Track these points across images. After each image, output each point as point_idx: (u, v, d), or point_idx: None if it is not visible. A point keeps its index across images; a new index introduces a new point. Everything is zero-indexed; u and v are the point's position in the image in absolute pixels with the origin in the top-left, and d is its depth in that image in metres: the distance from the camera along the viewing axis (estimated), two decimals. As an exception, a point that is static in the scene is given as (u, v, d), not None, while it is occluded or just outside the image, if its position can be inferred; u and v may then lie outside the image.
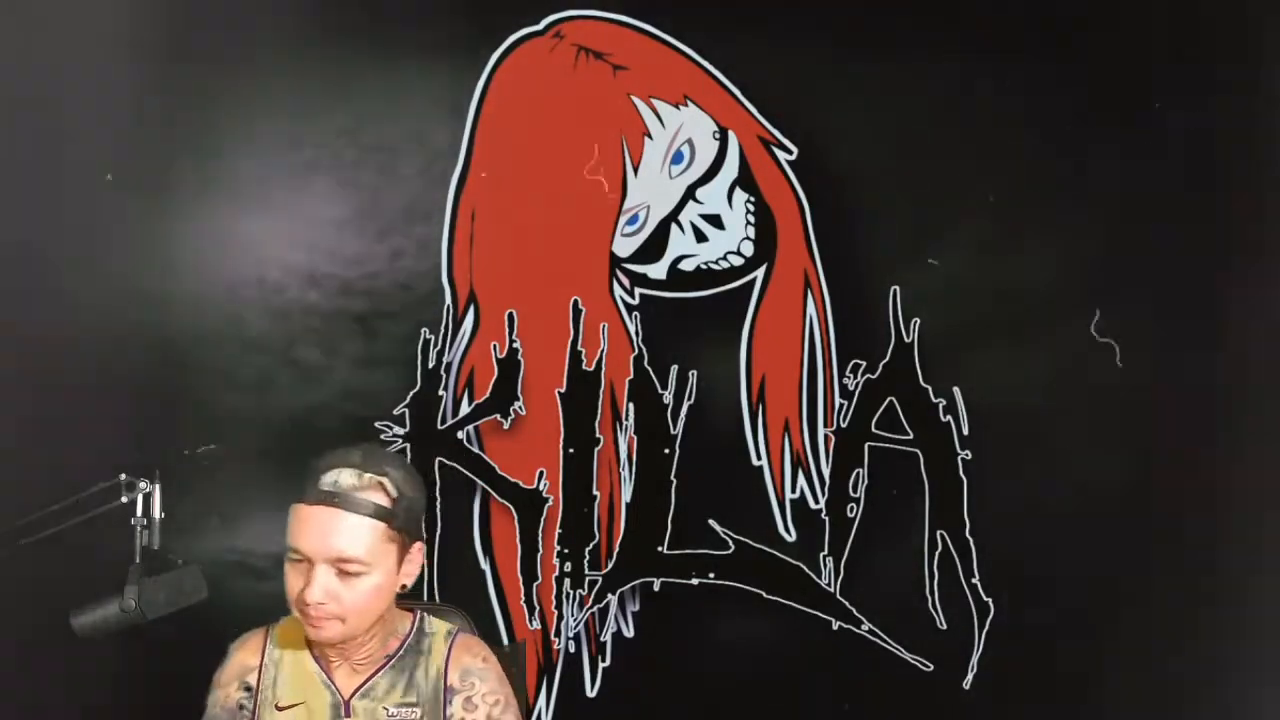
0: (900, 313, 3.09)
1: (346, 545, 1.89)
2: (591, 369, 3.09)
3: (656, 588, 3.10)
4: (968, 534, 3.08)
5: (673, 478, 3.09)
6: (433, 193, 3.08)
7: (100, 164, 3.02)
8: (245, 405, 3.07)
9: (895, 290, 3.10)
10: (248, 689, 2.02)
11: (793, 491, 3.11)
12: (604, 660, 3.10)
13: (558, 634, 3.09)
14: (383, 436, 3.04)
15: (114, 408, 3.05)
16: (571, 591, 3.09)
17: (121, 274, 3.09)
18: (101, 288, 3.07)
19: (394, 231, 3.10)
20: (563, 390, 3.09)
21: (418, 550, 2.00)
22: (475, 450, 3.08)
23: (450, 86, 3.10)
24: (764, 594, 3.09)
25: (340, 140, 3.10)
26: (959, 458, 3.08)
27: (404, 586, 1.99)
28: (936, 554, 3.09)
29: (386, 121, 3.09)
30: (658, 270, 3.13)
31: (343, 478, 1.91)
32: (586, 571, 3.09)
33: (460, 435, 3.09)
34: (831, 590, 3.09)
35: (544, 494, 3.07)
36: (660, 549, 3.09)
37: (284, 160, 3.12)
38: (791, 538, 3.11)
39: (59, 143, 3.07)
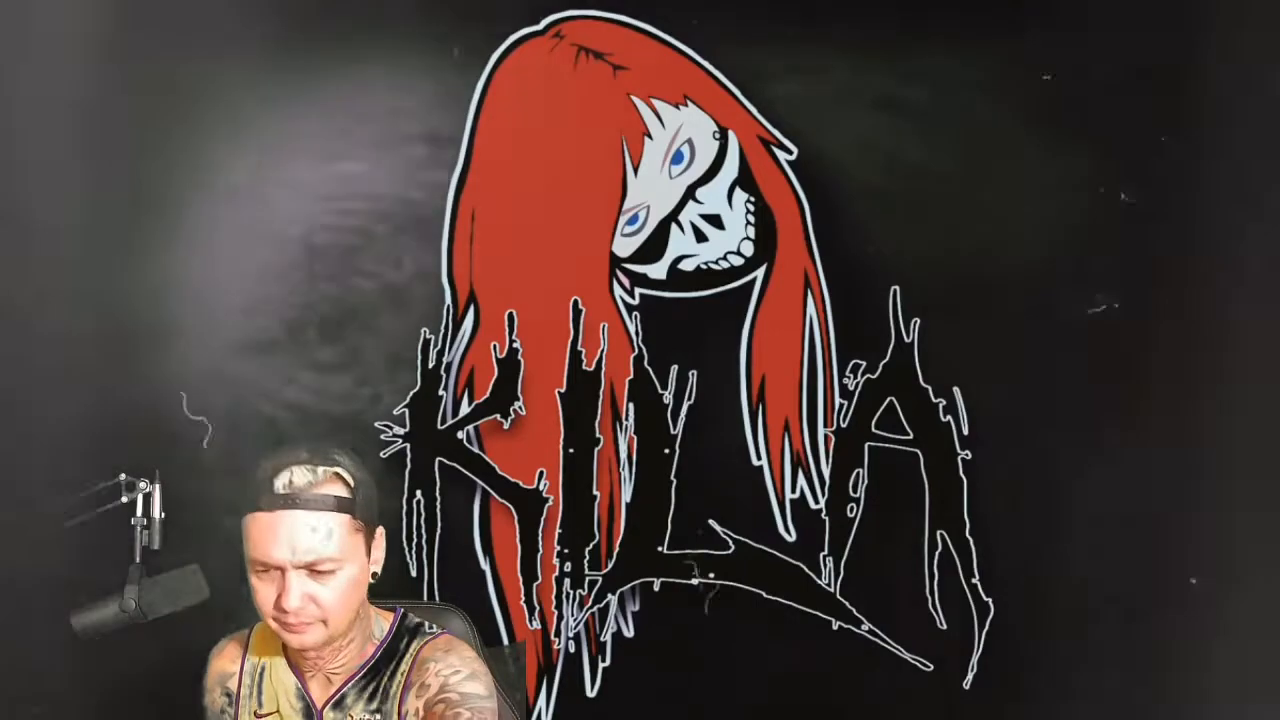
0: (900, 313, 3.09)
1: (318, 545, 1.82)
2: (591, 369, 3.09)
3: (656, 588, 3.10)
4: (968, 534, 3.08)
5: (673, 478, 3.09)
6: (433, 193, 3.08)
7: (98, 162, 3.03)
8: (245, 405, 3.08)
9: (895, 290, 3.09)
10: (228, 695, 2.02)
11: (793, 491, 3.11)
12: (604, 660, 3.10)
13: (558, 634, 3.09)
14: (383, 437, 3.04)
15: (114, 408, 3.06)
16: (571, 591, 3.09)
17: (121, 274, 3.09)
18: (101, 288, 3.08)
19: (394, 231, 3.10)
20: (563, 390, 3.09)
21: (380, 536, 1.95)
22: (475, 450, 3.08)
23: (450, 86, 3.10)
24: (764, 594, 3.09)
25: (340, 139, 3.10)
26: (959, 458, 3.08)
27: (374, 575, 1.94)
28: (936, 554, 3.09)
29: (386, 121, 3.09)
30: (658, 270, 3.13)
31: (296, 476, 1.83)
32: (586, 571, 3.09)
33: (460, 435, 3.09)
34: (831, 590, 3.09)
35: (544, 494, 3.08)
36: (660, 549, 3.09)
37: (283, 159, 3.12)
38: (791, 538, 3.11)
39: (58, 142, 3.08)
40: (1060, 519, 3.08)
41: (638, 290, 3.12)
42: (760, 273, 3.13)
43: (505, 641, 3.06)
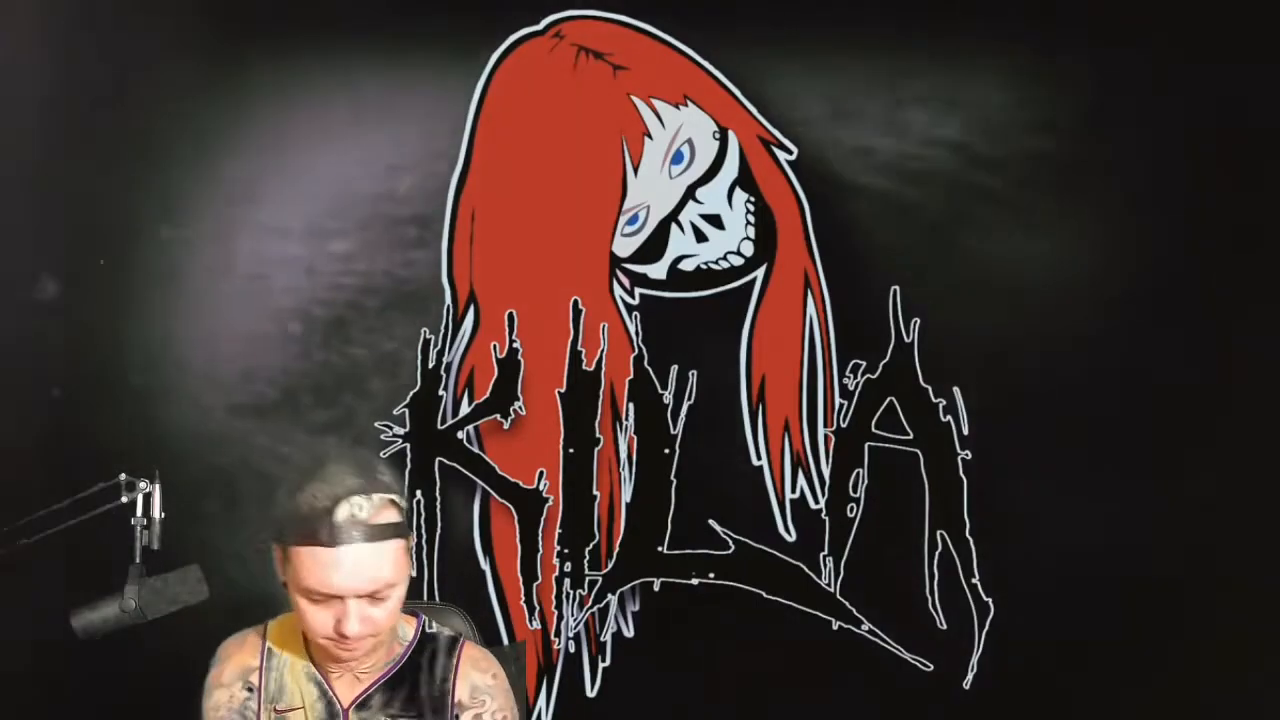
0: (900, 313, 3.09)
1: (381, 574, 1.82)
2: (591, 369, 3.09)
3: (656, 588, 3.10)
4: (968, 534, 3.08)
5: (673, 478, 3.09)
6: (433, 193, 3.08)
7: (93, 163, 3.05)
8: (244, 405, 3.08)
9: (895, 290, 3.09)
10: (250, 689, 1.98)
11: (793, 491, 3.11)
12: (604, 660, 3.10)
13: (558, 634, 3.09)
14: (383, 437, 3.04)
15: (114, 408, 3.06)
16: (571, 591, 3.09)
17: (121, 273, 3.10)
18: (101, 287, 3.09)
19: (394, 231, 3.10)
20: (563, 390, 3.09)
21: (410, 542, 1.96)
22: (475, 450, 3.08)
23: (450, 86, 3.10)
24: (764, 594, 3.08)
25: (340, 139, 3.11)
26: (959, 458, 3.08)
27: (410, 577, 1.95)
28: (936, 554, 3.09)
29: (386, 121, 3.10)
30: (658, 270, 3.13)
31: (359, 510, 1.80)
32: (586, 571, 3.09)
33: (460, 435, 3.09)
34: (831, 590, 3.09)
35: (544, 494, 3.08)
36: (660, 549, 3.09)
37: (283, 159, 3.12)
38: (791, 538, 3.11)
39: (57, 142, 3.09)
40: (1060, 519, 3.08)
41: (638, 290, 3.12)
42: (760, 273, 3.13)
43: (505, 641, 3.06)
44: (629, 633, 3.11)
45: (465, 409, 3.10)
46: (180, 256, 3.09)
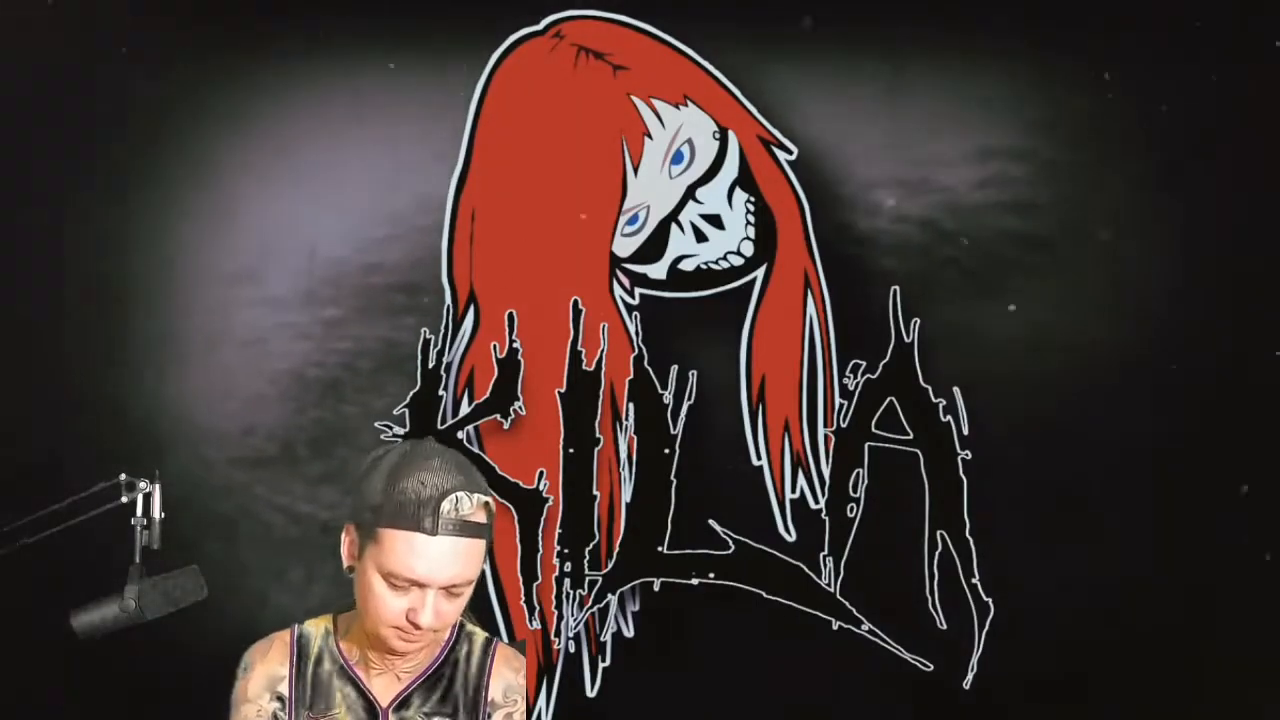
0: (900, 313, 3.09)
1: (467, 571, 1.84)
2: (591, 369, 3.09)
3: (656, 588, 3.10)
4: (968, 534, 3.08)
5: (673, 478, 3.09)
6: (433, 193, 3.08)
7: (89, 161, 3.05)
8: (244, 405, 3.08)
9: (895, 290, 3.09)
10: (280, 699, 1.94)
11: (793, 491, 3.11)
12: (604, 660, 3.10)
13: (558, 634, 3.09)
14: (383, 437, 3.05)
15: (114, 408, 3.06)
16: (571, 591, 3.09)
17: (120, 274, 3.10)
18: (100, 288, 3.09)
19: (394, 231, 3.10)
20: (563, 390, 3.09)
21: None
22: (475, 450, 3.08)
23: (450, 86, 3.10)
24: (764, 594, 3.08)
25: (340, 139, 3.11)
26: (959, 458, 3.08)
27: None
28: (936, 554, 3.09)
29: (386, 121, 3.10)
30: (658, 270, 3.13)
31: (461, 505, 1.82)
32: (586, 571, 3.09)
33: (460, 435, 3.09)
34: (831, 590, 3.09)
35: (544, 494, 3.07)
36: (660, 549, 3.09)
37: (283, 159, 3.12)
38: (791, 538, 3.11)
39: (53, 144, 3.09)
40: (1060, 519, 3.08)
41: (638, 290, 3.12)
42: (760, 273, 3.13)
43: (505, 641, 3.05)
44: (629, 633, 3.11)
45: (465, 409, 3.10)
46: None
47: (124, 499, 2.15)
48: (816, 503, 3.11)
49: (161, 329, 3.12)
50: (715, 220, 3.13)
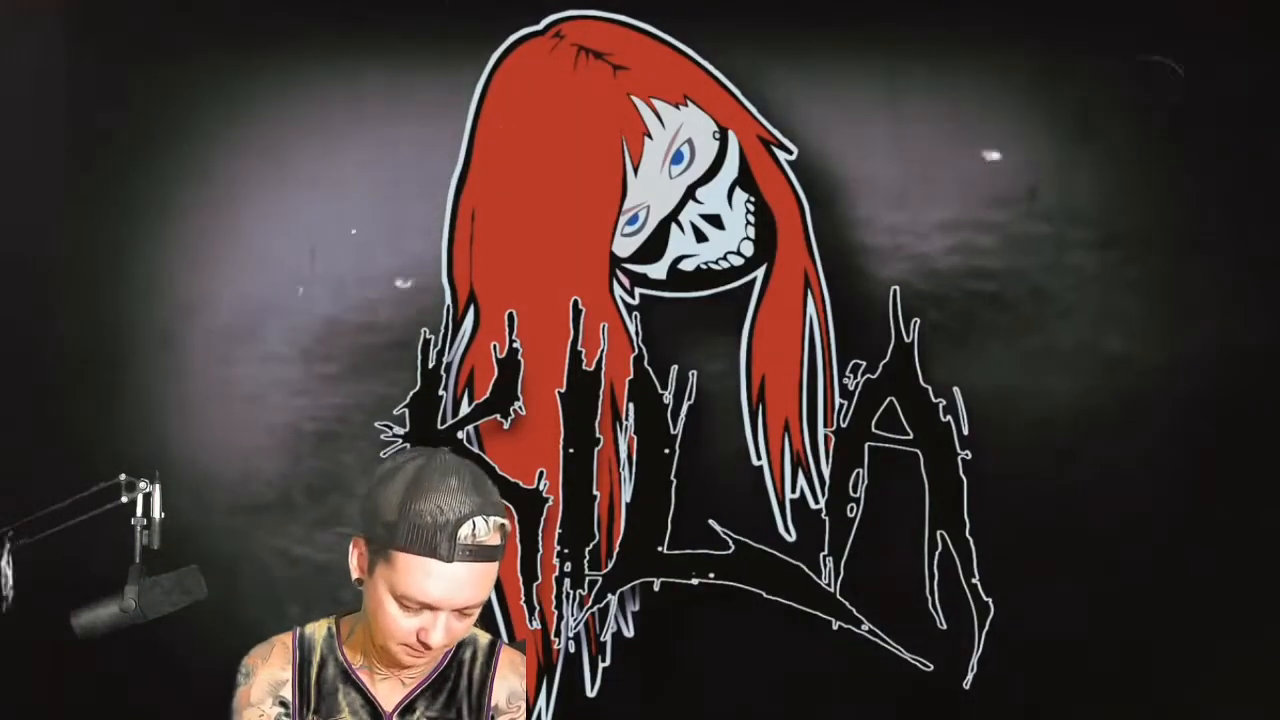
0: (900, 313, 3.09)
1: (480, 594, 1.82)
2: (591, 369, 3.09)
3: (656, 588, 3.10)
4: (968, 534, 3.08)
5: (673, 478, 3.09)
6: (433, 193, 3.08)
7: (87, 163, 3.06)
8: (244, 405, 3.08)
9: (895, 290, 3.09)
10: (284, 704, 1.92)
11: (793, 491, 3.11)
12: (604, 660, 3.10)
13: (558, 634, 3.09)
14: (383, 436, 3.05)
15: (114, 408, 3.06)
16: (571, 591, 3.09)
17: (120, 275, 3.10)
18: (100, 289, 3.09)
19: (394, 231, 3.10)
20: (563, 390, 3.09)
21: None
22: (475, 450, 3.08)
23: (450, 86, 3.10)
24: (764, 594, 3.08)
25: (340, 139, 3.11)
26: (959, 458, 3.08)
27: None
28: (936, 554, 3.09)
29: (386, 121, 3.10)
30: (658, 270, 3.13)
31: (479, 530, 1.78)
32: (586, 571, 3.09)
33: (460, 435, 3.09)
34: (831, 590, 3.09)
35: (544, 494, 3.07)
36: (660, 549, 3.09)
37: (283, 160, 3.12)
38: (791, 538, 3.11)
39: (53, 147, 3.09)
40: (1059, 519, 3.08)
41: (638, 290, 3.12)
42: (760, 273, 3.13)
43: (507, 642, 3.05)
44: (629, 633, 3.10)
45: (465, 409, 3.10)
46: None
47: (124, 499, 2.16)
48: (816, 503, 3.11)
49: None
50: (715, 220, 3.13)
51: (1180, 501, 3.07)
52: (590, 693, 3.10)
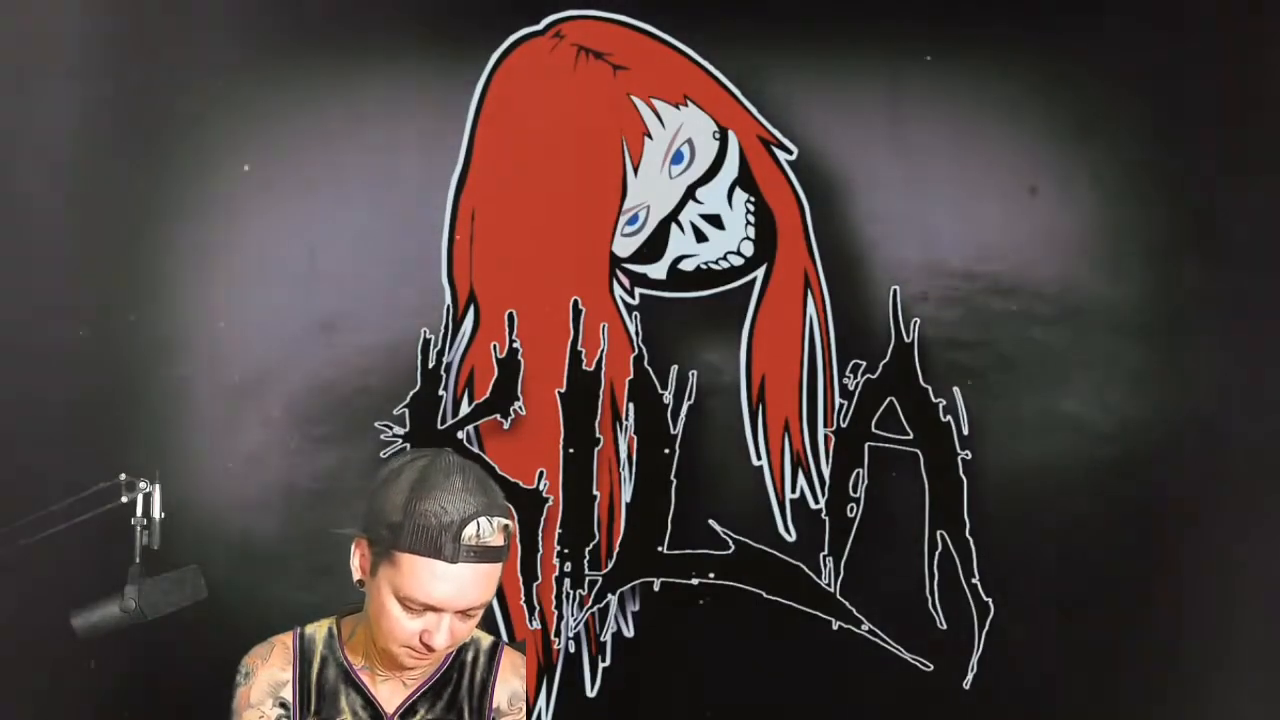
0: (900, 313, 3.09)
1: (484, 595, 1.81)
2: (591, 369, 3.09)
3: (656, 588, 3.10)
4: (968, 534, 3.08)
5: (673, 478, 3.09)
6: (433, 193, 3.08)
7: (85, 163, 3.05)
8: (244, 405, 3.08)
9: (895, 290, 3.09)
10: (284, 705, 1.91)
11: (793, 491, 3.11)
12: (604, 660, 3.10)
13: (558, 634, 3.09)
14: (383, 436, 3.05)
15: (114, 409, 3.06)
16: (571, 591, 3.09)
17: (120, 276, 3.10)
18: (100, 290, 3.09)
19: (394, 231, 3.10)
20: (563, 390, 3.09)
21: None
22: (475, 450, 3.08)
23: (450, 86, 3.10)
24: (764, 594, 3.09)
25: (340, 140, 3.11)
26: (959, 458, 3.08)
27: None
28: (936, 554, 3.09)
29: (386, 121, 3.10)
30: (658, 270, 3.13)
31: (483, 531, 1.76)
32: (586, 571, 3.09)
33: (460, 435, 3.09)
34: (831, 590, 3.09)
35: (544, 494, 3.08)
36: (660, 549, 3.09)
37: (283, 160, 3.12)
38: (791, 538, 3.11)
39: (52, 149, 3.09)
40: (1059, 519, 3.08)
41: (638, 290, 3.12)
42: (760, 273, 3.13)
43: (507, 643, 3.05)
44: (629, 633, 3.11)
45: (465, 409, 3.10)
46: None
47: (124, 499, 2.16)
48: (816, 503, 3.11)
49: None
50: (715, 220, 3.13)
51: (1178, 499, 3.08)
52: (590, 693, 3.10)
